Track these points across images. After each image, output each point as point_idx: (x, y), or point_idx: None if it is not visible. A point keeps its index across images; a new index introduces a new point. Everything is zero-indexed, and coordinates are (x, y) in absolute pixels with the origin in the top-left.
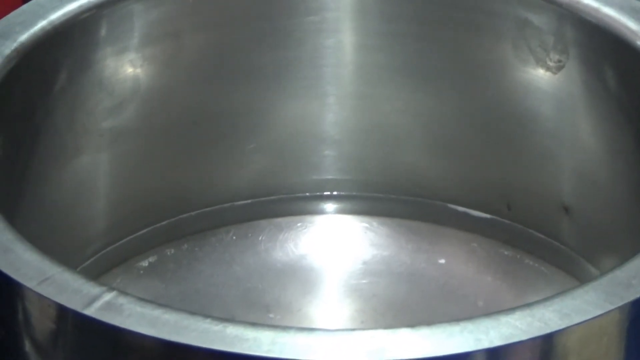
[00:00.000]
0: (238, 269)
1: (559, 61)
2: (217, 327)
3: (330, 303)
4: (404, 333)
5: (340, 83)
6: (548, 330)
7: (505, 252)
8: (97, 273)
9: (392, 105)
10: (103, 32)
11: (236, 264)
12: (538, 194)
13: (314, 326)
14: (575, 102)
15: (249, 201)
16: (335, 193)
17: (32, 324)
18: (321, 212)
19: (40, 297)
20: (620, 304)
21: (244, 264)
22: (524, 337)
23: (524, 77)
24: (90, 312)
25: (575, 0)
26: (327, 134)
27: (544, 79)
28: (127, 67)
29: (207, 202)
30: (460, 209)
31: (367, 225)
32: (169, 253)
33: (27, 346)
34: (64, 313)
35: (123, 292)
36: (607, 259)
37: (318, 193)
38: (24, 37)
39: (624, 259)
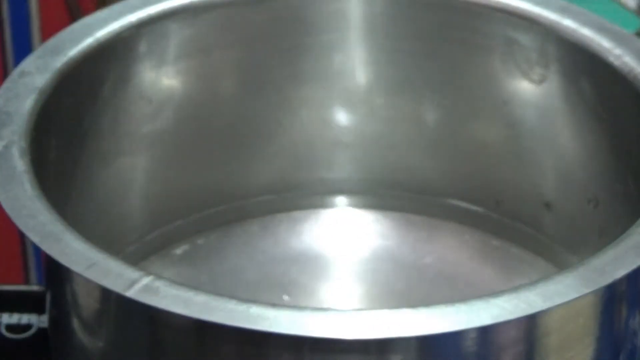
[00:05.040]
0: (260, 256)
1: (542, 75)
2: (241, 307)
3: (340, 286)
4: (406, 313)
5: (351, 94)
6: (532, 311)
7: (494, 242)
8: (136, 260)
9: (397, 113)
10: (143, 48)
11: (258, 252)
12: (523, 191)
13: (326, 306)
14: (556, 111)
15: (270, 196)
16: (346, 190)
17: (80, 304)
18: (333, 206)
19: (87, 280)
20: (595, 288)
21: (266, 252)
22: (510, 317)
23: (511, 89)
24: (131, 294)
25: (556, 21)
26: (339, 138)
27: (529, 90)
28: (163, 78)
29: (233, 197)
30: (455, 204)
31: (373, 218)
32: (199, 242)
33: (75, 323)
34: (107, 295)
35: (159, 277)
36: (583, 249)
37: (331, 190)
38: (72, 52)
39: (598, 248)
